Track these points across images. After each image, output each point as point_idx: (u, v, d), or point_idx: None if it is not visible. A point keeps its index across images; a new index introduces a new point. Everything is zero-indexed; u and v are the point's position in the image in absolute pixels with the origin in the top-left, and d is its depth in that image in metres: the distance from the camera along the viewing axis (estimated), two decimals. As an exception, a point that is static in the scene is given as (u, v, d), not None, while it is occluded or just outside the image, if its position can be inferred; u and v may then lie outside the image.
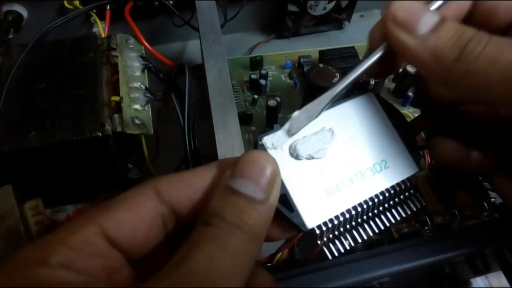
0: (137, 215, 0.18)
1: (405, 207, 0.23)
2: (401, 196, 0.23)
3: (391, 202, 0.22)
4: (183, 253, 0.16)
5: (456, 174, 0.33)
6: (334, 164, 0.21)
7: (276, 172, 0.18)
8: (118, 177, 0.39)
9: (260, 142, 0.21)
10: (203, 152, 0.37)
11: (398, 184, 0.22)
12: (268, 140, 0.21)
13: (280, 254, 0.30)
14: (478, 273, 0.28)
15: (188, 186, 0.19)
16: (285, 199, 0.20)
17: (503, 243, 0.28)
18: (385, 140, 0.22)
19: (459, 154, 0.24)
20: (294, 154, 0.21)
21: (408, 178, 0.22)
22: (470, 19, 0.22)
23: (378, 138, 0.22)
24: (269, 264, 0.30)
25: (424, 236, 0.30)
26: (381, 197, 0.22)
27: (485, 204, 0.31)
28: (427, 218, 0.31)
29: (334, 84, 0.21)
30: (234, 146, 0.30)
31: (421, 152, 0.37)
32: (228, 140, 0.31)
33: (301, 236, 0.30)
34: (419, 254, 0.27)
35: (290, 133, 0.21)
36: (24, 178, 0.33)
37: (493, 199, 0.32)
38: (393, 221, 0.22)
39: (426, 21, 0.19)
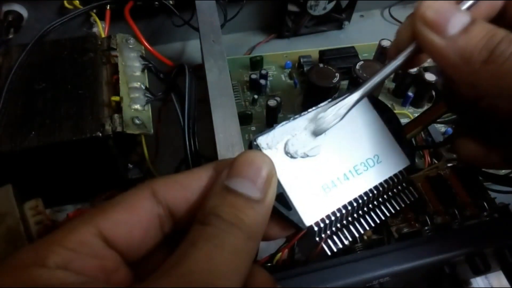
0: (133, 216, 0.18)
1: (399, 200, 0.23)
2: (395, 189, 0.23)
3: (385, 196, 0.23)
4: (181, 252, 0.16)
5: (457, 173, 0.33)
6: (328, 161, 0.22)
7: (272, 172, 0.19)
8: (118, 177, 0.39)
9: (255, 143, 0.21)
10: (203, 152, 0.37)
11: (391, 177, 0.23)
12: (262, 140, 0.21)
13: (280, 254, 0.30)
14: (478, 273, 0.28)
15: (184, 187, 0.19)
16: (282, 198, 0.20)
17: (503, 243, 0.28)
18: (377, 135, 0.23)
19: (480, 154, 0.24)
20: (289, 153, 0.21)
21: (400, 172, 0.23)
22: (501, 18, 0.22)
23: (369, 134, 0.23)
24: (269, 264, 0.30)
25: (424, 236, 0.30)
26: (375, 191, 0.22)
27: (485, 204, 0.31)
28: (427, 218, 0.31)
29: (360, 84, 0.22)
30: (234, 146, 0.30)
31: (421, 152, 0.37)
32: (228, 140, 0.31)
33: (301, 236, 0.30)
34: (419, 254, 0.27)
35: (315, 134, 0.22)
36: (24, 178, 0.33)
37: (493, 199, 0.32)
38: (388, 214, 0.23)
39: (456, 22, 0.19)
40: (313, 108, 0.22)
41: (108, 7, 0.45)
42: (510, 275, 0.28)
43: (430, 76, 0.43)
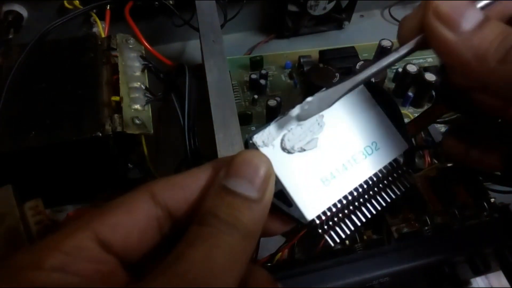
0: (131, 219, 0.18)
1: (399, 185, 0.23)
2: (395, 174, 0.23)
3: (386, 182, 0.23)
4: (177, 252, 0.16)
5: (457, 173, 0.33)
6: (326, 153, 0.21)
7: (270, 171, 0.19)
8: (118, 177, 0.39)
9: (250, 141, 0.21)
10: (203, 152, 0.37)
11: (390, 163, 0.22)
12: (258, 138, 0.21)
13: (280, 254, 0.30)
14: (478, 273, 0.28)
15: (183, 188, 0.19)
16: (282, 195, 0.20)
17: (503, 243, 0.28)
18: (373, 121, 0.23)
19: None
20: (286, 148, 0.21)
21: (400, 156, 0.22)
22: None
23: (366, 120, 0.22)
24: (269, 264, 0.30)
25: (424, 236, 0.31)
26: (375, 179, 0.22)
27: (485, 204, 0.31)
28: (427, 218, 0.31)
29: (354, 74, 0.21)
30: (234, 146, 0.30)
31: (420, 152, 0.37)
32: (228, 140, 0.31)
33: (301, 236, 0.30)
34: (419, 254, 0.27)
35: (299, 119, 0.21)
36: (24, 178, 0.33)
37: (493, 199, 0.32)
38: (389, 200, 0.22)
39: (471, 18, 0.18)
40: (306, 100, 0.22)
41: (108, 7, 0.45)
42: (510, 275, 0.28)
43: (430, 76, 0.43)
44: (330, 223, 0.21)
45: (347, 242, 0.31)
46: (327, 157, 0.21)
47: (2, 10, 0.43)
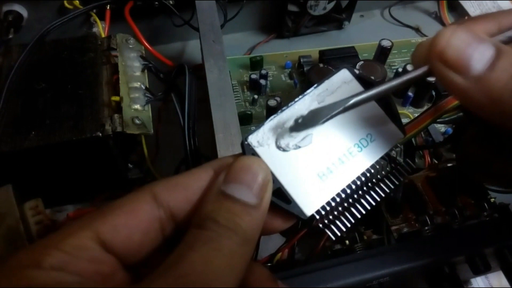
0: (133, 220, 0.18)
1: (397, 174, 0.23)
2: (392, 164, 0.23)
3: (383, 172, 0.23)
4: (177, 254, 0.16)
5: (457, 173, 0.33)
6: (322, 148, 0.22)
7: (268, 177, 0.19)
8: (118, 177, 0.39)
9: (246, 142, 0.21)
10: (203, 152, 0.37)
11: (386, 154, 0.22)
12: (253, 139, 0.21)
13: (280, 254, 0.30)
14: (478, 273, 0.28)
15: (184, 188, 0.19)
16: (280, 193, 0.20)
17: (503, 243, 0.28)
18: (366, 113, 0.22)
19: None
20: (281, 147, 0.21)
21: (395, 147, 0.22)
22: None
23: (359, 112, 0.22)
24: (269, 264, 0.30)
25: (424, 236, 0.31)
26: (372, 171, 0.22)
27: (485, 204, 0.31)
28: (427, 218, 0.31)
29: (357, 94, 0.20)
30: (234, 146, 0.30)
31: (420, 152, 0.37)
32: (228, 140, 0.31)
33: (301, 236, 0.30)
34: (419, 254, 0.27)
35: (290, 131, 0.21)
36: (24, 178, 0.33)
37: (493, 199, 0.32)
38: (388, 190, 0.22)
39: (480, 57, 0.17)
40: (299, 97, 0.22)
41: (108, 7, 0.45)
42: (510, 275, 0.28)
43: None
44: (330, 217, 0.22)
45: (347, 242, 0.31)
46: (322, 153, 0.21)
47: (2, 10, 0.43)
